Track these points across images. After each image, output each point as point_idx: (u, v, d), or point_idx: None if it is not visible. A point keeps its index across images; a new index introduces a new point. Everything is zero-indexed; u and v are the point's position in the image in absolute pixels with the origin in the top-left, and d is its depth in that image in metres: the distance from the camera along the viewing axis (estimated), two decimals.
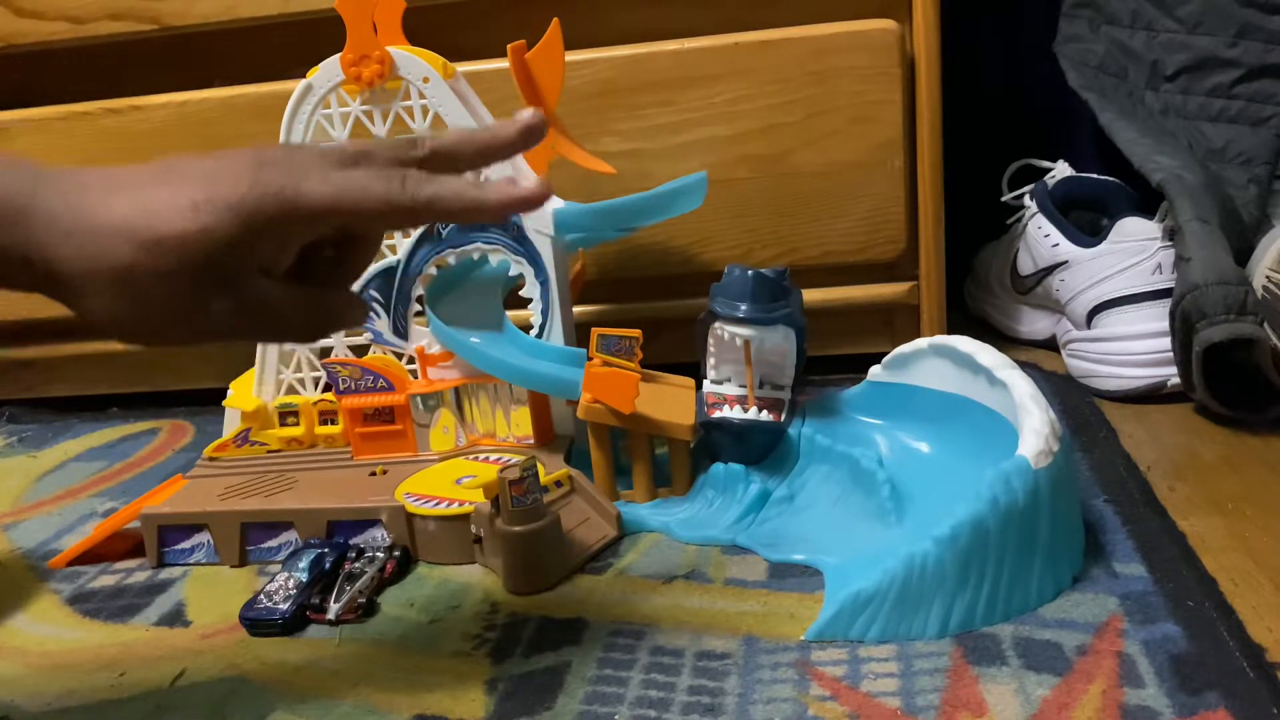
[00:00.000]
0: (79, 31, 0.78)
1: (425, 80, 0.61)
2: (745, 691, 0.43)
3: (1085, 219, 0.80)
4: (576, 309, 0.70)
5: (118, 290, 0.35)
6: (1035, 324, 0.84)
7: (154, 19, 0.77)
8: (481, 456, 0.64)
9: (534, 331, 0.64)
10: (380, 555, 0.57)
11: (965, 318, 0.92)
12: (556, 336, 0.63)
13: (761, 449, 0.62)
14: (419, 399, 0.64)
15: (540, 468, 0.54)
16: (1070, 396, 0.73)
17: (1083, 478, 0.60)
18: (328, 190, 0.36)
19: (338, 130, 0.63)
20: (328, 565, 0.56)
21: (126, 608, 0.57)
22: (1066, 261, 0.76)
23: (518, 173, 0.61)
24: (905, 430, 0.61)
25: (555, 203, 0.63)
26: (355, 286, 0.64)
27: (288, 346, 0.67)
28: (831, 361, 0.78)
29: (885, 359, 0.63)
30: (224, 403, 0.69)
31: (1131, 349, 0.71)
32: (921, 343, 0.60)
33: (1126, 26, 0.78)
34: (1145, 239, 0.72)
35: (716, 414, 0.61)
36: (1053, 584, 0.48)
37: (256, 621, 0.52)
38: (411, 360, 0.65)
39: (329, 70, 0.62)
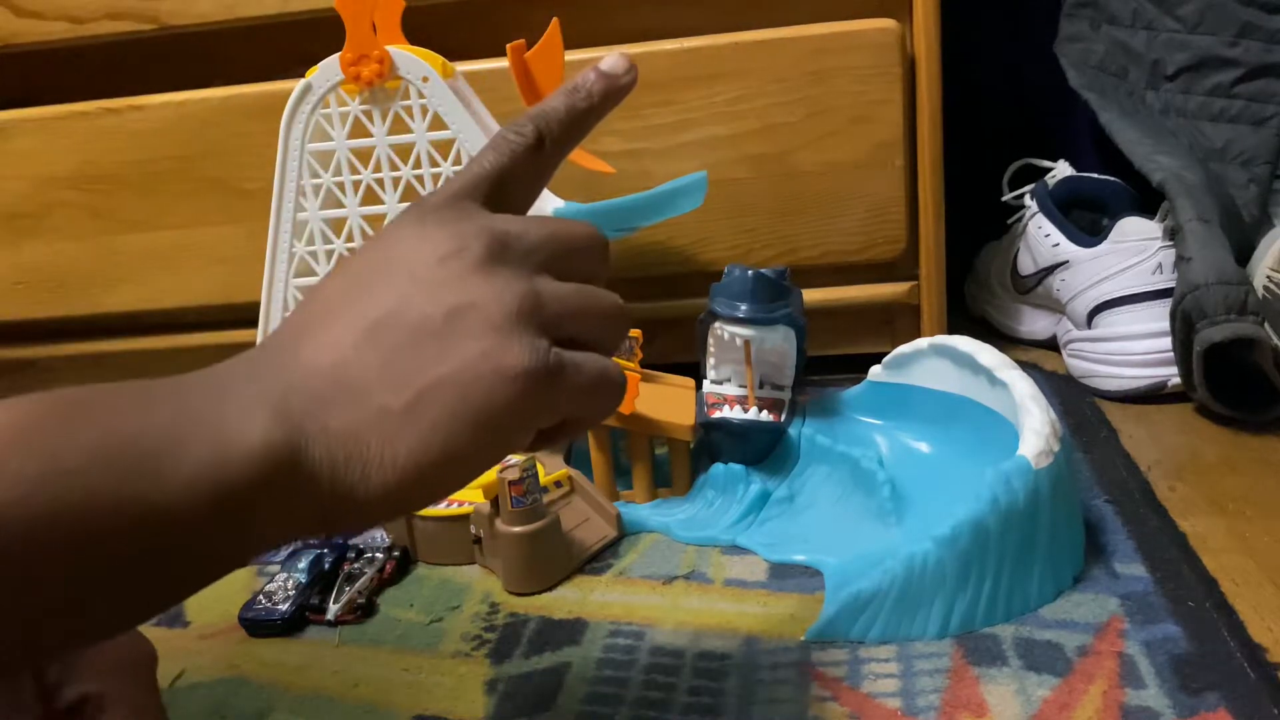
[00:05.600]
0: (78, 31, 0.78)
1: (424, 80, 0.61)
2: (745, 692, 0.43)
3: (1086, 219, 0.80)
4: None
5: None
6: (1035, 324, 0.84)
7: (153, 19, 0.77)
8: None
9: None
10: (380, 555, 0.56)
11: (965, 318, 0.92)
12: None
13: (761, 449, 0.62)
14: None
15: (540, 468, 0.54)
16: (1070, 396, 0.73)
17: (1083, 478, 0.60)
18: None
19: (336, 130, 0.63)
20: (327, 566, 0.56)
21: None
22: (1067, 261, 0.76)
23: None
24: (905, 430, 0.61)
25: (555, 202, 0.63)
26: None
27: None
28: (831, 361, 0.78)
29: (885, 359, 0.63)
30: None
31: (1132, 349, 0.71)
32: (922, 343, 0.60)
33: (1127, 26, 0.78)
34: (1146, 239, 0.72)
35: (716, 414, 0.61)
36: (1053, 584, 0.48)
37: (256, 622, 0.52)
38: None
39: (328, 70, 0.62)
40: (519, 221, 0.32)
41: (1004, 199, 0.85)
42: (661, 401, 0.61)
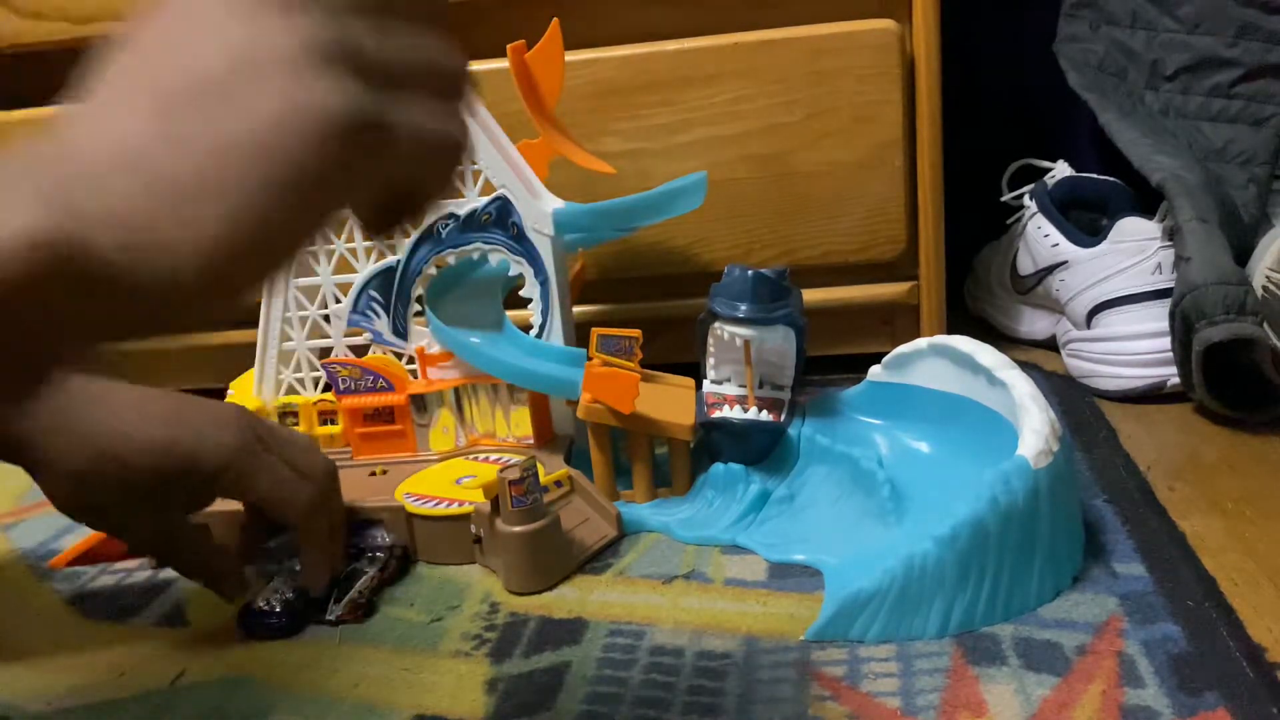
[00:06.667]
0: (78, 31, 0.78)
1: None
2: (745, 692, 0.43)
3: (1085, 219, 0.80)
4: (576, 309, 0.70)
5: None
6: (1035, 324, 0.84)
7: None
8: (481, 456, 0.64)
9: (534, 331, 0.64)
10: (380, 555, 0.56)
11: (965, 318, 0.92)
12: (556, 336, 0.63)
13: (761, 449, 0.62)
14: (418, 399, 0.64)
15: (540, 468, 0.54)
16: (1070, 396, 0.73)
17: (1082, 478, 0.60)
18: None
19: None
20: None
21: (126, 608, 0.57)
22: (1066, 261, 0.76)
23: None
24: (905, 430, 0.61)
25: (555, 203, 0.63)
26: (355, 285, 0.64)
27: (288, 346, 0.67)
28: (831, 361, 0.78)
29: (885, 359, 0.63)
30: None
31: (1131, 349, 0.71)
32: (921, 343, 0.60)
33: (1126, 26, 0.78)
34: (1145, 239, 0.72)
35: (716, 414, 0.61)
36: (1052, 584, 0.48)
37: (256, 622, 0.52)
38: (411, 360, 0.65)
39: None
40: None
41: (1004, 199, 0.85)
42: (661, 401, 0.61)
